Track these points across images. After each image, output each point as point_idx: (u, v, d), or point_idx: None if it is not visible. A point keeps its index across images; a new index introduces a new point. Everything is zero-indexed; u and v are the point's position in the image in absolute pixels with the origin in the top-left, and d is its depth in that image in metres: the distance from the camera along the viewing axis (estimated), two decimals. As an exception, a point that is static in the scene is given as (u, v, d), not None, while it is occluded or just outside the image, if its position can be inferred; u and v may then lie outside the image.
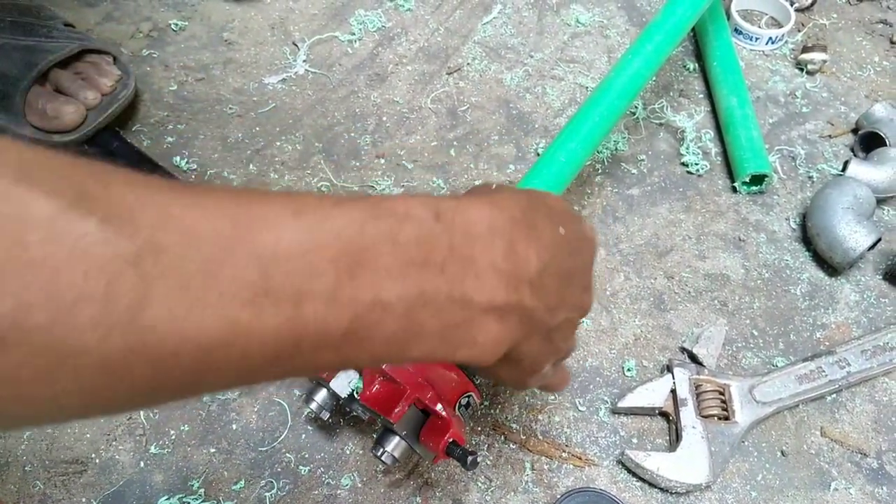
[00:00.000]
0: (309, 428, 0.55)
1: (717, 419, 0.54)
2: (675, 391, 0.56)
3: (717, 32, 0.82)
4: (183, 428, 0.55)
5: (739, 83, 0.77)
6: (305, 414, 0.56)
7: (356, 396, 0.48)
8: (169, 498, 0.52)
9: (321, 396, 0.50)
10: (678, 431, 0.54)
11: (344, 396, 0.48)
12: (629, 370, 0.59)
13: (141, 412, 0.56)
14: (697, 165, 0.74)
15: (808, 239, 0.67)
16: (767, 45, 0.86)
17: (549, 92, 0.81)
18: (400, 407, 0.45)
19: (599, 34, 0.88)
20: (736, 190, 0.72)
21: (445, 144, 0.75)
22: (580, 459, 0.54)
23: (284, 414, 0.56)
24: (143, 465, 0.53)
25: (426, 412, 0.47)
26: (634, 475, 0.53)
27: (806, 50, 0.83)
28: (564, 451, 0.54)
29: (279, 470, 0.53)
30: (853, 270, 0.66)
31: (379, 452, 0.47)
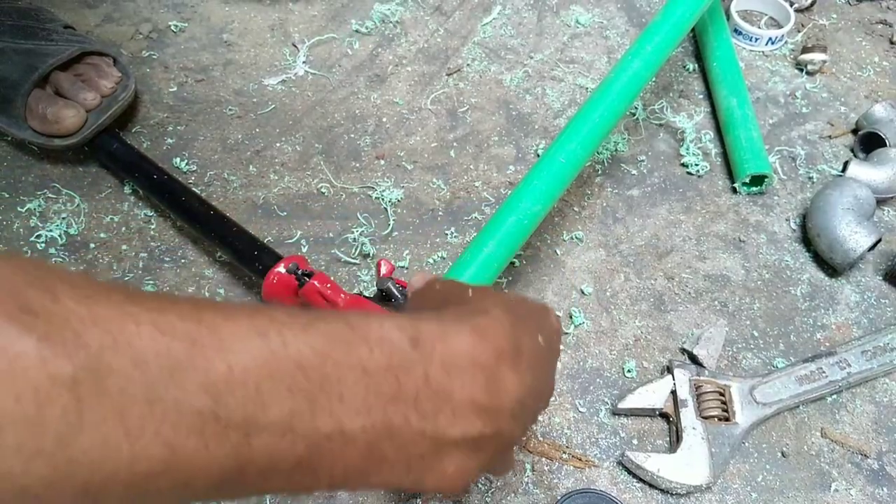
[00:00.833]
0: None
1: (717, 420, 0.54)
2: (675, 392, 0.56)
3: (716, 33, 0.82)
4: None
5: (739, 84, 0.77)
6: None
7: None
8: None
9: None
10: (678, 432, 0.54)
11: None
12: (629, 371, 0.59)
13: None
14: (697, 166, 0.74)
15: (808, 240, 0.67)
16: (767, 45, 0.86)
17: (548, 93, 0.81)
18: None
19: (599, 35, 0.88)
20: (736, 191, 0.72)
21: (445, 145, 0.75)
22: (580, 461, 0.54)
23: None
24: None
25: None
26: (635, 476, 0.53)
27: (806, 50, 0.83)
28: (565, 452, 0.54)
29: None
30: (853, 271, 0.66)
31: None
